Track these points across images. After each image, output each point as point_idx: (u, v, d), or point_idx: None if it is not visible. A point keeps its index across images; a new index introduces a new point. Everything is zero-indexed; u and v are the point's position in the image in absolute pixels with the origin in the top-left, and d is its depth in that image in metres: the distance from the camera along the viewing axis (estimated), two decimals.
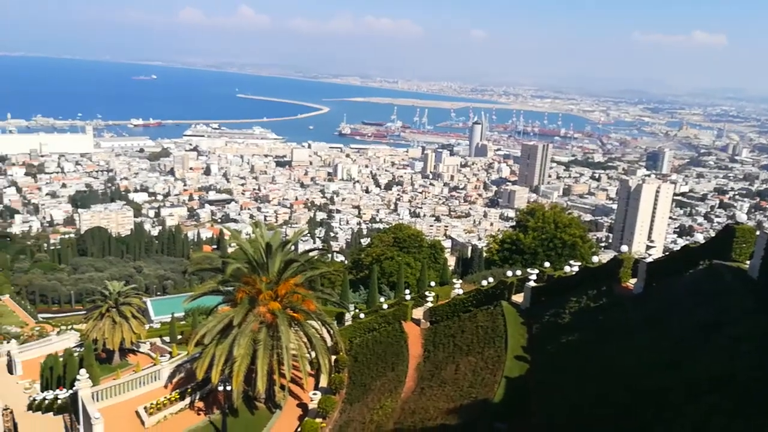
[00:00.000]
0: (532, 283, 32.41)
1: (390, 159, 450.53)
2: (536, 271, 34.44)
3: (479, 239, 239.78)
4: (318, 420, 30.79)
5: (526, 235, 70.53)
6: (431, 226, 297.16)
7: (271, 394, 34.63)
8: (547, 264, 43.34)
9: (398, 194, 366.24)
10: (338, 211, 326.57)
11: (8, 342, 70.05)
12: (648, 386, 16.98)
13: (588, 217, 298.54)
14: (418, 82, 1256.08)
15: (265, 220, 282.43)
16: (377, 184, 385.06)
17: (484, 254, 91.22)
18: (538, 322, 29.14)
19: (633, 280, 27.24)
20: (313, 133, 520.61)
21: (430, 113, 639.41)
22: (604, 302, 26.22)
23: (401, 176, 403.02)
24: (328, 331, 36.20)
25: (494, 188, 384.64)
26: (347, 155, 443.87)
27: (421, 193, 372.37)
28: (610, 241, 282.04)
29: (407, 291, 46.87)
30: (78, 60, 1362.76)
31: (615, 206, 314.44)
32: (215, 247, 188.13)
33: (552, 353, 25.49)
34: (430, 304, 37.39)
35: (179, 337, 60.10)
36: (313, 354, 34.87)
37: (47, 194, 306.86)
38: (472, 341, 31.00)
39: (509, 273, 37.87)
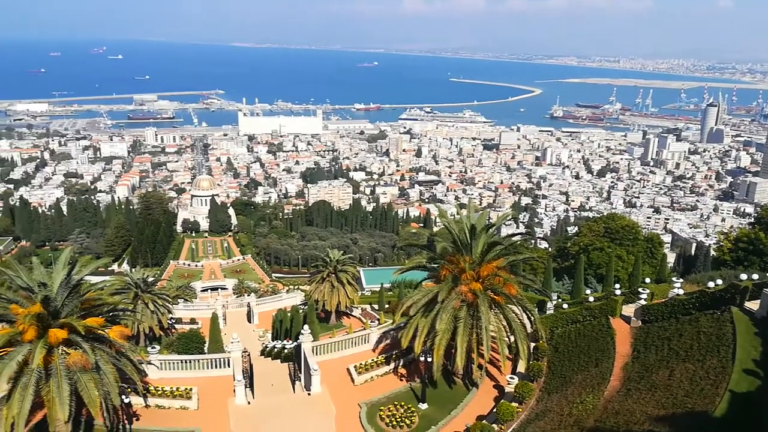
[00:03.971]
0: None
1: (605, 144, 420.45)
2: None
3: (706, 236, 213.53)
4: (514, 404, 30.87)
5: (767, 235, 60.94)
6: (649, 217, 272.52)
7: (468, 371, 35.56)
8: None
9: (612, 182, 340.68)
10: (544, 197, 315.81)
11: (248, 295, 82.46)
12: None
13: None
14: (643, 60, 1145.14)
15: (468, 202, 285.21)
16: (589, 170, 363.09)
17: (712, 253, 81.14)
18: None
19: None
20: (523, 116, 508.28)
21: (654, 94, 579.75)
22: None
23: (617, 162, 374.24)
24: (529, 318, 35.77)
25: (729, 179, 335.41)
26: (558, 139, 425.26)
27: (638, 181, 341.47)
28: None
29: (617, 285, 44.03)
30: (312, 50, 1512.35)
31: None
32: (422, 225, 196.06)
33: None
34: (643, 302, 34.66)
35: (386, 306, 64.40)
36: (512, 338, 34.85)
37: (284, 170, 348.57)
38: (692, 347, 28.10)
39: (743, 276, 33.20)
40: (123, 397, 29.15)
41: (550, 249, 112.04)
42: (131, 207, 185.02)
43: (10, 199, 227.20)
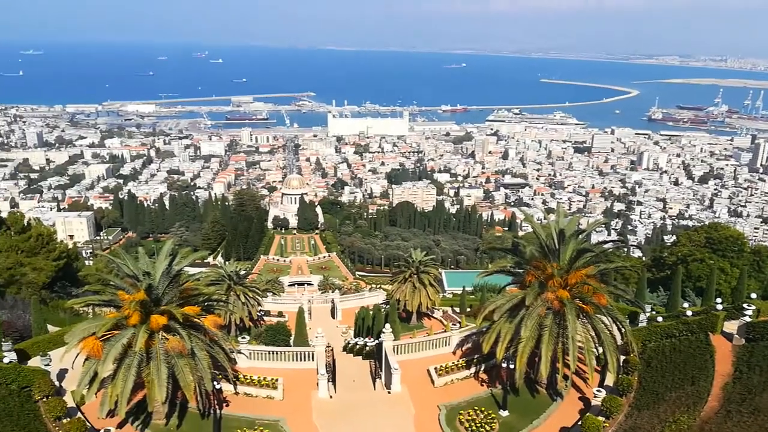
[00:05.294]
0: None
1: (708, 148, 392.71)
2: None
3: None
4: (600, 419, 29.61)
5: None
6: (757, 228, 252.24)
7: (552, 381, 34.51)
8: None
9: (716, 189, 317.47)
10: (639, 203, 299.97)
11: (333, 291, 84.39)
12: None
13: None
14: (754, 59, 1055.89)
15: (557, 206, 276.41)
16: (689, 176, 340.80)
17: None
18: None
19: None
20: (619, 119, 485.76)
21: (766, 96, 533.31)
22: None
23: (721, 168, 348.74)
24: (619, 329, 34.18)
25: None
26: (656, 142, 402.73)
27: (746, 189, 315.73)
28: None
29: (718, 300, 40.98)
30: (401, 52, 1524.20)
31: None
32: (506, 228, 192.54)
33: None
34: (748, 319, 32.19)
35: (468, 309, 63.70)
36: (600, 350, 33.44)
37: (369, 170, 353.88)
38: None
39: None
40: (215, 383, 30.75)
41: (644, 258, 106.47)
42: (226, 203, 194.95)
43: (120, 193, 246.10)
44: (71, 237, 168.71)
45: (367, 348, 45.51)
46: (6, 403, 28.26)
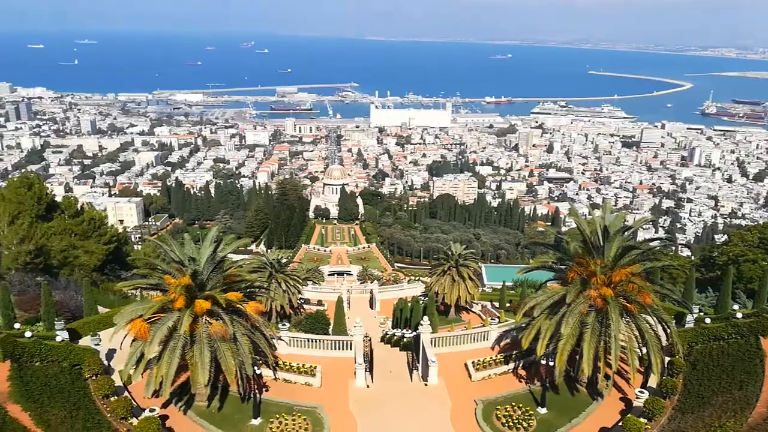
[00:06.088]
0: None
1: (765, 144, 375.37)
2: None
3: None
4: (642, 420, 28.93)
5: None
6: None
7: (593, 380, 33.90)
8: None
9: None
10: (689, 200, 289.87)
11: (371, 282, 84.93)
12: None
13: None
14: None
15: (603, 202, 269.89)
16: (744, 174, 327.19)
17: None
18: None
19: None
20: (670, 112, 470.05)
21: None
22: None
23: None
24: (665, 330, 33.22)
25: None
26: (708, 138, 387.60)
27: None
28: None
29: None
30: (446, 42, 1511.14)
31: None
32: (549, 224, 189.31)
33: None
34: None
35: (507, 304, 63.03)
36: (644, 350, 32.63)
37: (410, 162, 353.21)
38: None
39: None
40: (255, 368, 31.45)
41: (693, 257, 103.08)
42: (270, 192, 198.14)
43: (168, 180, 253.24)
44: (121, 222, 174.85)
45: (405, 339, 45.65)
46: (58, 380, 29.59)
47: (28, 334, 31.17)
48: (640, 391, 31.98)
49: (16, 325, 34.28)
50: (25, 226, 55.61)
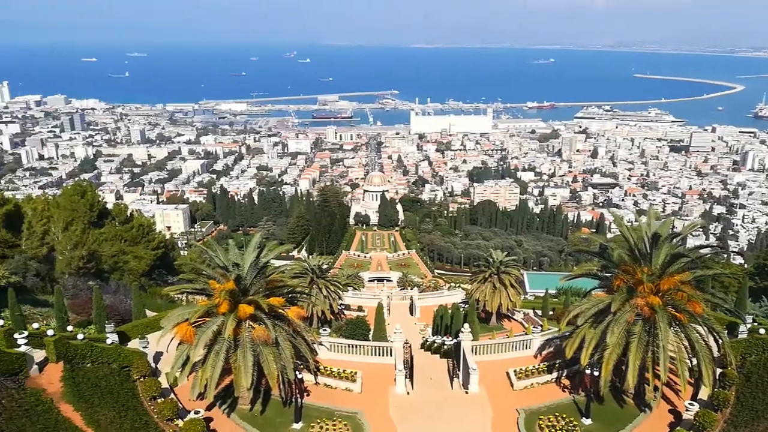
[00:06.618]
0: None
1: None
2: None
3: None
4: None
5: None
6: None
7: (640, 391, 32.86)
8: None
9: None
10: (742, 206, 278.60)
11: (411, 289, 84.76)
12: None
13: None
14: None
15: (649, 208, 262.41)
16: None
17: None
18: None
19: None
20: (721, 116, 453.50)
21: None
22: None
23: None
24: (716, 340, 31.97)
25: None
26: (762, 141, 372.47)
27: None
28: None
29: None
30: (485, 48, 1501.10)
31: None
32: (594, 230, 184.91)
33: None
34: None
35: (550, 312, 61.80)
36: (694, 361, 31.44)
37: (451, 168, 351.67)
38: None
39: None
40: (297, 372, 31.75)
41: (746, 265, 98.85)
42: (311, 199, 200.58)
43: (213, 188, 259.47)
44: (168, 228, 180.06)
45: (445, 347, 45.30)
46: (108, 381, 30.59)
47: (80, 336, 32.33)
48: (690, 404, 30.83)
49: (69, 328, 35.67)
50: (78, 232, 57.93)
